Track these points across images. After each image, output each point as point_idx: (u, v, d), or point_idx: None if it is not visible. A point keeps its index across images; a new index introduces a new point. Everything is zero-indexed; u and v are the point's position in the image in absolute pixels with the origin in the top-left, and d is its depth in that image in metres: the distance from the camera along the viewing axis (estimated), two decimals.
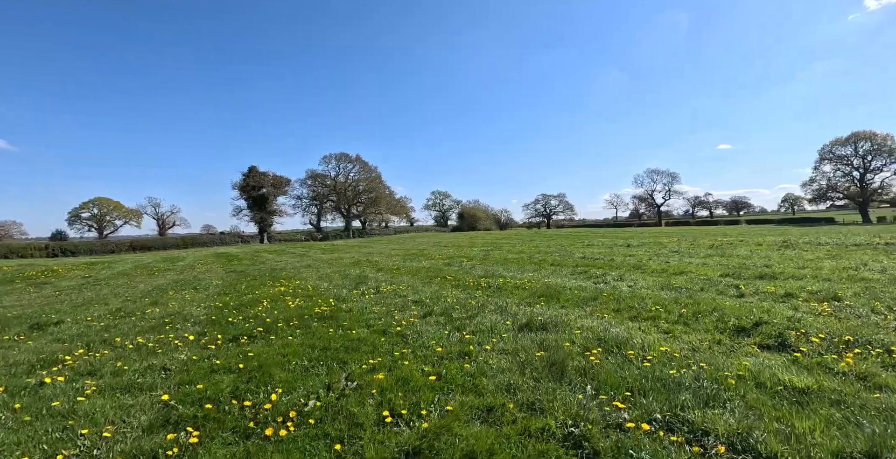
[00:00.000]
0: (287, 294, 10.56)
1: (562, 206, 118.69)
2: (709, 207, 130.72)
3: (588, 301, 7.82)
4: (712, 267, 12.74)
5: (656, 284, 9.59)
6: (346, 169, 79.68)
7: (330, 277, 14.13)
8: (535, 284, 10.06)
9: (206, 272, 19.89)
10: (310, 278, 14.21)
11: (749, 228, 53.59)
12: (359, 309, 7.96)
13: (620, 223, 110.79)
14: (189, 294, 11.95)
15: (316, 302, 8.89)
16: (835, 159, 76.39)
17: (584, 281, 10.67)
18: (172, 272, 20.73)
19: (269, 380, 4.36)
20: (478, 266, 15.37)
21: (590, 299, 7.95)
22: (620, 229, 69.22)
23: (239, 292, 11.58)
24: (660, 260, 15.25)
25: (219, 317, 7.88)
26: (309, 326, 6.75)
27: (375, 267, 16.76)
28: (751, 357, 4.63)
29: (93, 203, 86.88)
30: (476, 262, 16.92)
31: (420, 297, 8.86)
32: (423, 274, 13.64)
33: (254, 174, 65.34)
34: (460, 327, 6.15)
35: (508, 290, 9.38)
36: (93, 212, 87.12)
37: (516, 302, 8.01)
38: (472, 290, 9.70)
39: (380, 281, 12.01)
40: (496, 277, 11.75)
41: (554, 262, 15.60)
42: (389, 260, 20.75)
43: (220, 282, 14.49)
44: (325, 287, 11.58)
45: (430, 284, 11.04)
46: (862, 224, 62.31)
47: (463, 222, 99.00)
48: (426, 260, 19.61)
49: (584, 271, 12.34)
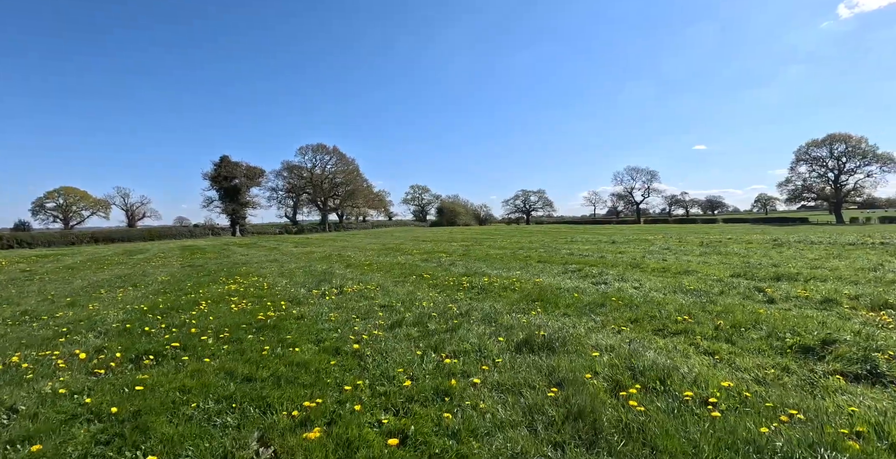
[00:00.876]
0: (236, 293, 8.95)
1: (541, 202, 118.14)
2: (685, 206, 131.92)
3: (595, 307, 6.43)
4: (715, 265, 11.55)
5: (666, 286, 8.28)
6: (323, 160, 77.08)
7: (292, 273, 12.50)
8: (526, 285, 8.65)
9: (161, 266, 18.03)
10: (269, 274, 12.57)
11: (728, 227, 53.36)
12: (313, 315, 6.41)
13: (599, 220, 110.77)
14: (123, 292, 10.23)
15: (264, 305, 7.31)
16: (810, 160, 77.09)
17: (580, 281, 9.32)
18: (124, 266, 18.79)
19: (143, 440, 2.83)
20: (458, 262, 13.93)
21: (596, 305, 6.55)
22: (600, 226, 68.62)
23: (181, 290, 9.91)
24: (655, 257, 14.04)
25: (135, 325, 6.24)
26: (241, 341, 5.17)
27: (345, 263, 15.18)
28: (846, 394, 3.30)
29: (58, 192, 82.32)
30: (456, 258, 15.47)
31: (390, 300, 7.35)
32: (397, 271, 12.13)
33: (226, 164, 62.50)
34: (438, 345, 4.67)
35: (495, 292, 7.93)
36: (58, 202, 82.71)
37: (507, 307, 6.58)
38: (452, 292, 8.23)
39: (346, 279, 10.45)
40: (480, 276, 10.31)
41: (541, 259, 14.26)
42: (363, 254, 19.16)
43: (167, 278, 12.74)
44: (283, 285, 9.99)
45: (403, 283, 9.54)
46: (835, 224, 62.92)
47: (442, 217, 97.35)
48: (402, 255, 18.09)
49: (579, 270, 10.99)
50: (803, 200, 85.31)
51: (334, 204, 79.98)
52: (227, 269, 14.61)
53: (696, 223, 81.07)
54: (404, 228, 77.35)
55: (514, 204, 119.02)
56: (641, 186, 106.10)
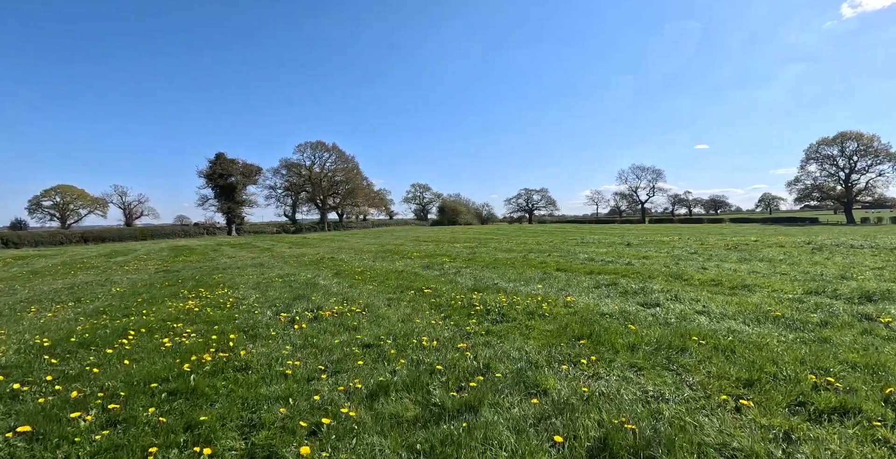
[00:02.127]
0: (185, 316, 7.03)
1: (544, 201, 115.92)
2: (688, 205, 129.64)
3: (671, 352, 4.44)
4: (772, 276, 9.67)
5: (740, 310, 6.34)
6: (321, 158, 74.92)
7: (269, 284, 10.59)
8: (557, 307, 6.71)
9: (133, 271, 16.17)
10: (243, 285, 10.66)
11: (738, 227, 51.06)
12: (264, 363, 4.45)
13: (602, 219, 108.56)
14: (58, 310, 8.35)
15: (207, 340, 5.38)
16: (821, 159, 74.85)
17: (622, 300, 7.38)
18: (94, 271, 16.95)
19: None
20: (464, 270, 12.01)
21: (671, 347, 4.57)
22: (606, 226, 66.44)
23: (124, 309, 8.00)
24: (691, 265, 12.12)
25: (4, 381, 4.35)
26: (132, 422, 3.20)
27: (335, 269, 13.26)
28: None
29: (55, 190, 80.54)
30: (461, 264, 13.55)
31: (378, 333, 5.40)
32: (393, 281, 10.21)
33: (221, 161, 60.59)
34: (448, 451, 2.73)
35: (519, 320, 5.98)
36: (55, 201, 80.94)
37: (542, 351, 4.62)
38: (461, 317, 6.30)
39: (329, 295, 8.52)
40: (493, 291, 8.38)
41: (560, 266, 12.32)
42: (358, 258, 17.27)
43: (123, 290, 10.85)
44: (250, 303, 8.07)
45: (398, 303, 7.60)
46: (846, 224, 60.82)
47: (443, 216, 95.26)
48: (401, 259, 16.18)
49: (612, 283, 9.05)
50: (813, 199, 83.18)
51: (334, 202, 77.97)
52: (200, 277, 12.71)
53: (702, 223, 78.69)
54: (405, 227, 75.41)
55: (516, 203, 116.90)
56: (646, 185, 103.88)
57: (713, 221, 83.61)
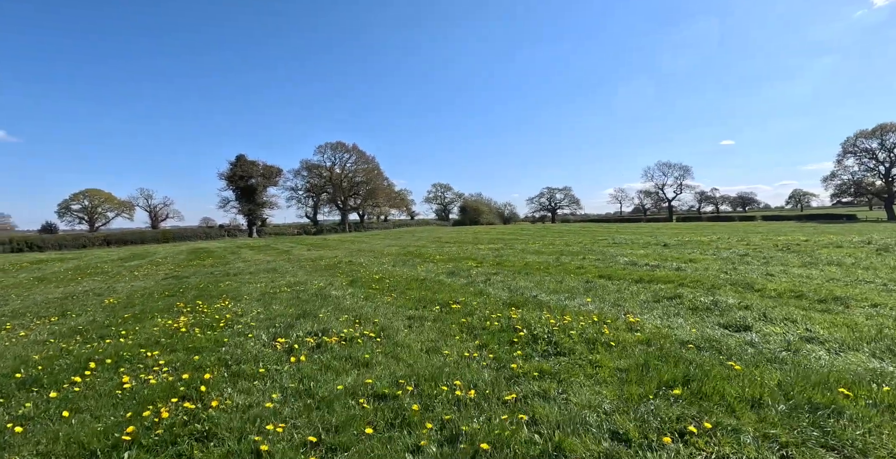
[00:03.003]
0: (165, 341, 5.88)
1: (567, 200, 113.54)
2: (715, 203, 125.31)
3: (818, 413, 3.02)
4: (851, 283, 8.14)
5: (857, 337, 4.84)
6: (342, 159, 74.35)
7: (277, 294, 9.45)
8: (620, 332, 5.32)
9: (141, 277, 15.33)
10: (248, 295, 9.54)
11: (773, 225, 47.96)
12: (231, 431, 3.15)
13: (627, 218, 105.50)
14: (32, 329, 7.34)
15: (178, 379, 4.21)
16: (859, 152, 70.87)
17: (697, 320, 5.94)
18: (103, 277, 16.17)
19: None
20: (494, 277, 10.69)
21: (814, 405, 3.13)
22: (632, 225, 63.93)
23: (102, 330, 6.90)
24: (753, 271, 10.58)
25: None
26: None
27: (351, 276, 12.08)
28: None
29: (83, 194, 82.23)
30: (489, 270, 12.23)
31: (395, 374, 4.09)
32: (415, 292, 8.95)
33: (242, 163, 60.43)
34: None
35: (579, 353, 4.58)
36: (83, 204, 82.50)
37: (627, 409, 3.29)
38: (501, 345, 4.98)
39: (339, 312, 7.29)
40: (534, 306, 7.04)
41: (602, 273, 10.89)
42: (377, 262, 16.10)
43: (117, 301, 9.86)
44: (248, 321, 6.88)
45: (421, 323, 6.31)
46: (888, 221, 57.40)
47: (465, 216, 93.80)
48: (423, 263, 14.95)
49: (675, 295, 7.59)
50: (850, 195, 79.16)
51: (355, 203, 77.35)
52: (206, 285, 11.67)
53: (732, 221, 75.15)
54: (426, 228, 74.32)
55: (538, 201, 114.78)
56: (673, 182, 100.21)
57: (744, 219, 79.75)
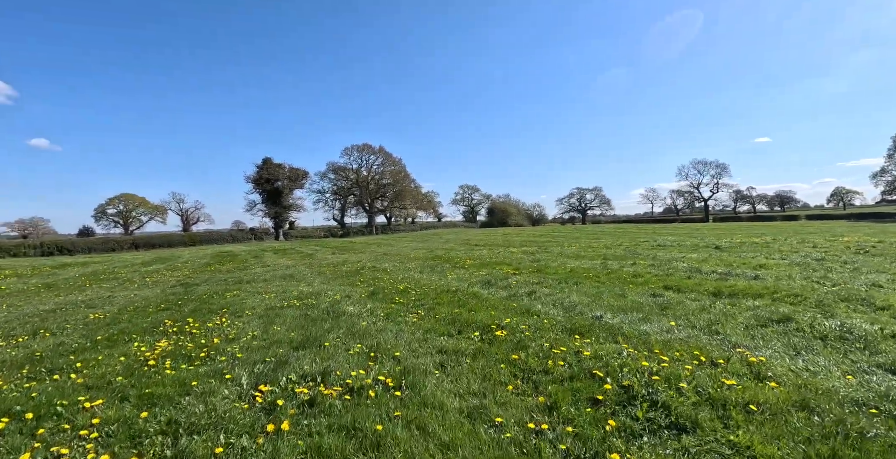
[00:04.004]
0: (123, 381, 4.48)
1: (598, 200, 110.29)
2: (751, 202, 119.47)
3: None
4: None
5: None
6: (368, 161, 73.57)
7: (282, 310, 8.03)
8: (746, 382, 3.60)
9: (151, 284, 14.26)
10: (251, 310, 8.15)
11: (826, 225, 43.73)
12: None
13: (659, 219, 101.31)
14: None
15: None
16: None
17: (839, 358, 4.15)
18: (114, 282, 15.21)
19: None
20: (538, 288, 9.04)
21: None
22: (668, 225, 60.71)
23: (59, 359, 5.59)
24: (850, 280, 8.66)
25: None
26: None
27: (372, 285, 10.60)
28: None
29: (118, 199, 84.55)
30: (530, 277, 10.58)
31: None
32: (445, 308, 7.38)
33: (268, 166, 60.12)
34: None
35: (709, 429, 2.91)
36: (118, 208, 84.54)
37: None
38: (579, 408, 3.31)
39: (353, 336, 5.77)
40: (603, 335, 5.34)
41: (666, 283, 9.08)
42: (402, 267, 14.64)
43: (101, 316, 8.60)
44: (235, 350, 5.41)
45: (458, 358, 4.68)
46: None
47: (493, 218, 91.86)
48: (452, 269, 13.40)
49: (784, 318, 5.78)
50: None
51: (382, 205, 76.48)
52: (210, 296, 10.38)
53: (774, 220, 70.70)
54: (453, 230, 72.76)
55: (568, 202, 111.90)
56: (710, 181, 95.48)
57: (786, 219, 74.92)
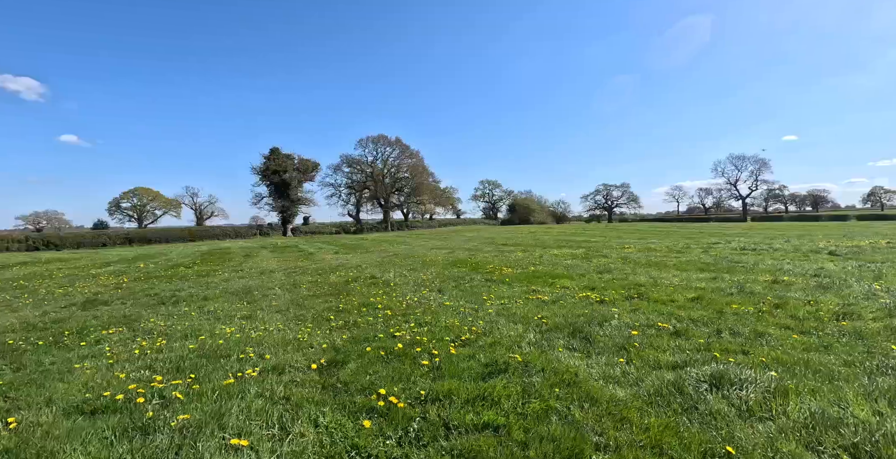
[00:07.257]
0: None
1: (625, 198, 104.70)
2: (783, 201, 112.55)
3: None
4: None
5: None
6: (384, 153, 69.04)
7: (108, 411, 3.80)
8: None
9: (54, 298, 10.19)
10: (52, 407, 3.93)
11: (887, 226, 37.54)
12: None
13: (690, 218, 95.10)
14: None
15: None
16: None
17: None
18: (18, 292, 11.19)
19: None
20: (647, 316, 4.60)
21: None
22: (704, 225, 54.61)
23: None
24: None
25: None
26: None
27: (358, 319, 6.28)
28: None
29: (133, 192, 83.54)
30: (625, 306, 6.12)
31: None
32: (519, 427, 3.05)
33: (276, 156, 56.16)
34: None
35: None
36: (133, 202, 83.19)
37: None
38: None
39: None
40: None
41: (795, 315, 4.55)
42: (414, 277, 10.30)
43: None
44: None
45: None
46: None
47: (514, 215, 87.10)
48: (487, 284, 8.98)
49: None
50: None
51: (398, 200, 72.09)
52: (48, 346, 6.18)
53: (819, 220, 64.05)
54: (473, 227, 68.21)
55: (593, 199, 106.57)
56: (748, 178, 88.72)
57: (833, 219, 67.93)
